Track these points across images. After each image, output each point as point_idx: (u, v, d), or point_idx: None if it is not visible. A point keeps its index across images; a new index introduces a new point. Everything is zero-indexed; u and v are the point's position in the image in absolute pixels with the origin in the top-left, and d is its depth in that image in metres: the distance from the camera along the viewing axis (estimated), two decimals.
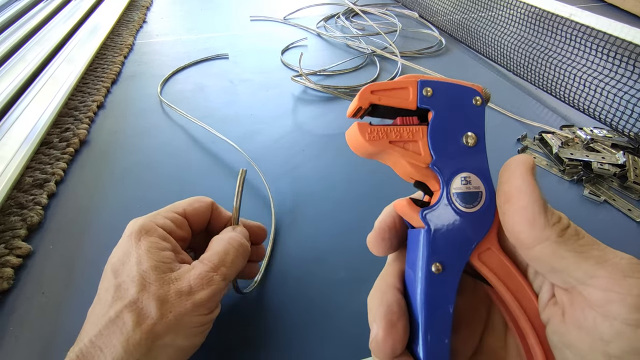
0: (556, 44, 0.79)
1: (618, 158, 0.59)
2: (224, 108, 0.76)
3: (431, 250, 0.20)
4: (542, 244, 0.19)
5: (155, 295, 0.27)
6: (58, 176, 0.57)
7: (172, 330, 0.27)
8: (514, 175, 0.20)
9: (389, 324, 0.20)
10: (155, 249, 0.30)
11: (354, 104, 0.21)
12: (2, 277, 0.43)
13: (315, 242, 0.49)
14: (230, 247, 0.33)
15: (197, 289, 0.29)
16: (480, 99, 0.21)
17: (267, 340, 0.39)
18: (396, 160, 0.21)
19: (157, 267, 0.29)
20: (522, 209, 0.19)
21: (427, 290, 0.20)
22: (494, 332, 0.23)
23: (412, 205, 0.21)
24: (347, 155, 0.63)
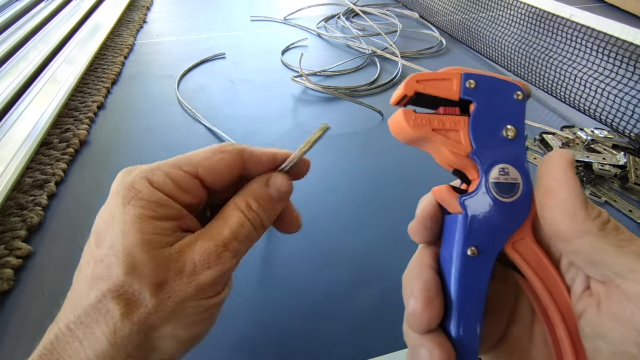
0: (557, 44, 0.79)
1: (619, 159, 0.59)
2: (224, 108, 0.76)
3: (467, 234, 0.21)
4: (582, 237, 0.19)
5: (149, 277, 0.22)
6: (58, 177, 0.57)
7: (171, 320, 0.22)
8: (554, 168, 0.20)
9: (426, 299, 0.20)
10: (148, 217, 0.23)
11: (400, 92, 0.22)
12: (2, 278, 0.43)
13: (316, 243, 0.49)
14: (246, 218, 0.25)
15: (202, 268, 0.23)
16: (521, 94, 0.22)
17: (268, 340, 0.39)
18: (437, 147, 0.22)
19: (148, 242, 0.22)
20: (563, 202, 0.19)
21: (462, 271, 0.20)
22: (520, 322, 0.24)
23: (451, 192, 0.22)
24: (347, 155, 0.63)
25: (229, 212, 0.25)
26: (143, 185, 0.24)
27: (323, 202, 0.54)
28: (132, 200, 0.23)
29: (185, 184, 0.25)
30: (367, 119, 0.72)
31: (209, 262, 0.23)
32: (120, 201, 0.23)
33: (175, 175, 0.25)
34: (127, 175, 0.25)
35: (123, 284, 0.22)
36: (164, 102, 0.78)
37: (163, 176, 0.24)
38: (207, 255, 0.23)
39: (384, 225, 0.51)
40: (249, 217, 0.25)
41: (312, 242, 0.49)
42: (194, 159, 0.26)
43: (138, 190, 0.23)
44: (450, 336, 0.20)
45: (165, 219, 0.23)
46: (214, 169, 0.26)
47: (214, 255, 0.23)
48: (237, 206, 0.26)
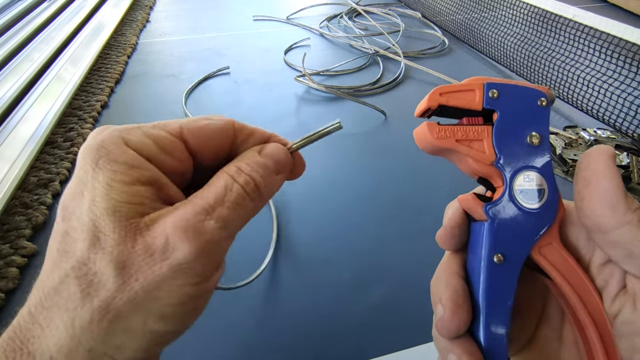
0: (559, 44, 0.79)
1: (622, 159, 0.59)
2: (227, 107, 0.76)
3: (493, 242, 0.21)
4: (622, 228, 0.19)
5: (112, 253, 0.18)
6: (62, 176, 0.57)
7: (140, 308, 0.18)
8: (595, 161, 0.20)
9: (455, 305, 0.21)
10: (120, 182, 0.19)
11: (423, 105, 0.23)
12: (8, 277, 0.43)
13: (318, 242, 0.49)
14: (235, 180, 0.21)
15: (178, 242, 0.18)
16: (545, 100, 0.22)
17: (269, 340, 0.39)
18: (461, 158, 0.22)
19: (116, 209, 0.18)
20: (604, 192, 0.19)
21: (489, 278, 0.21)
22: (549, 324, 0.24)
23: (476, 200, 0.22)
24: (350, 155, 0.63)
25: (215, 178, 0.21)
26: (115, 144, 0.20)
27: (326, 201, 0.54)
28: (101, 161, 0.19)
29: (168, 144, 0.21)
30: (370, 118, 0.72)
31: (187, 234, 0.18)
32: (88, 164, 0.19)
33: (156, 135, 0.21)
34: (98, 132, 0.20)
35: (86, 262, 0.18)
36: (167, 101, 0.78)
37: (141, 135, 0.21)
38: (183, 225, 0.19)
39: (387, 224, 0.51)
40: (238, 180, 0.21)
41: (314, 241, 0.49)
42: (179, 120, 0.22)
43: (108, 150, 0.20)
44: (479, 342, 0.21)
45: (141, 183, 0.20)
46: (200, 131, 0.22)
47: (193, 226, 0.19)
48: (224, 171, 0.21)
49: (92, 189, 0.19)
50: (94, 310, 0.18)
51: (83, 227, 0.18)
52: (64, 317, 0.18)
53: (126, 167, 0.19)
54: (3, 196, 0.51)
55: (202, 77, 0.85)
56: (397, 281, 0.44)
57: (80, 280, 0.18)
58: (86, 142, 0.20)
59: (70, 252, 0.18)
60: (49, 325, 0.18)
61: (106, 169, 0.19)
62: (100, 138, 0.20)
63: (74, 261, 0.18)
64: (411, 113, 0.24)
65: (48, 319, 0.18)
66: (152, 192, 0.20)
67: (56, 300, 0.18)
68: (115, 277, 0.18)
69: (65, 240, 0.19)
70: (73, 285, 0.18)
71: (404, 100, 0.79)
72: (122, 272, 0.18)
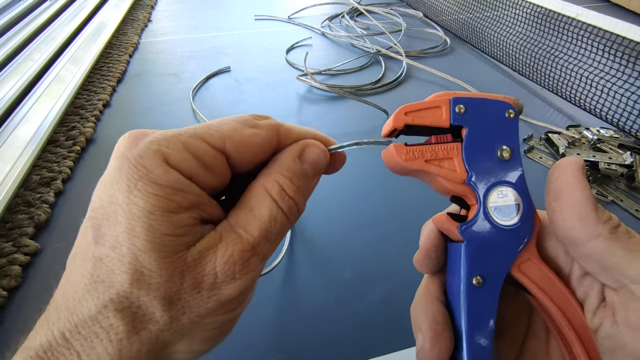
0: (562, 43, 0.79)
1: (625, 158, 0.58)
2: (229, 107, 0.76)
3: (471, 264, 0.20)
4: (594, 240, 0.19)
5: (159, 290, 0.18)
6: (65, 174, 0.57)
7: (186, 336, 0.19)
8: (565, 173, 0.20)
9: (435, 334, 0.20)
10: (163, 209, 0.18)
11: (389, 126, 0.22)
12: (10, 275, 0.43)
13: (319, 242, 0.49)
14: (279, 208, 0.20)
15: (226, 279, 0.19)
16: (513, 112, 0.21)
17: (268, 339, 0.39)
18: (433, 177, 0.21)
19: (160, 246, 0.18)
20: (574, 205, 0.19)
21: (469, 302, 0.20)
22: (535, 338, 0.24)
23: (450, 220, 0.21)
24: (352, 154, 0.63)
25: (258, 199, 0.20)
26: (156, 162, 0.18)
27: (327, 201, 0.54)
28: (140, 183, 0.18)
29: (209, 160, 0.19)
30: (372, 117, 0.72)
31: (234, 273, 0.19)
32: (124, 183, 0.18)
33: (197, 149, 0.19)
34: (134, 143, 0.19)
35: (128, 296, 0.18)
36: (169, 100, 0.78)
37: (181, 150, 0.19)
38: (232, 265, 0.19)
39: (388, 224, 0.51)
40: (282, 207, 0.20)
41: (315, 241, 0.49)
42: (220, 129, 0.20)
43: (148, 169, 0.18)
44: None
45: (185, 209, 0.18)
46: (245, 145, 0.20)
47: (240, 264, 0.19)
48: (267, 192, 0.20)
49: (129, 214, 0.18)
50: (142, 342, 0.18)
51: (122, 259, 0.18)
52: (109, 348, 0.17)
53: (169, 192, 0.18)
54: (6, 194, 0.51)
55: (205, 76, 0.85)
56: (399, 280, 0.44)
57: (123, 314, 0.18)
58: (120, 150, 0.19)
59: (107, 282, 0.18)
60: (89, 355, 0.17)
61: (147, 193, 0.18)
62: (138, 152, 0.18)
63: (113, 293, 0.18)
64: None
65: (88, 348, 0.18)
66: (193, 216, 0.19)
67: (95, 329, 0.18)
68: (163, 312, 0.18)
69: (99, 267, 0.18)
70: (114, 318, 0.18)
71: (405, 100, 0.78)
72: (169, 307, 0.18)
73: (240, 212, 0.20)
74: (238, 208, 0.20)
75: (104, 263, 0.18)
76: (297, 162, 0.21)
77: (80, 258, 0.19)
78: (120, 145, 0.19)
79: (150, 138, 0.19)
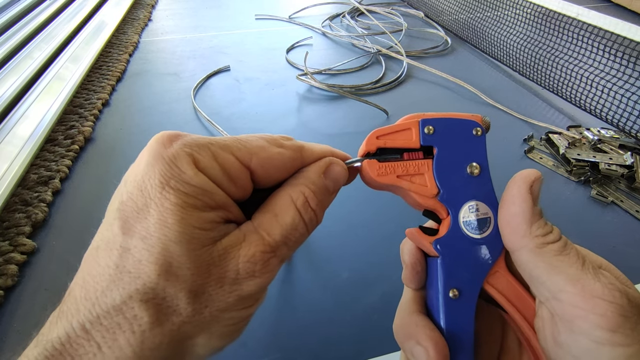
0: (563, 43, 0.79)
1: (626, 159, 0.58)
2: (229, 106, 0.75)
3: (447, 278, 0.21)
4: (519, 251, 0.20)
5: (187, 284, 0.19)
6: (63, 173, 0.57)
7: (206, 330, 0.20)
8: (513, 185, 0.21)
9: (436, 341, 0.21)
10: (191, 207, 0.19)
11: (362, 150, 0.23)
12: (7, 274, 0.43)
13: (317, 242, 0.48)
14: (302, 218, 0.22)
15: (246, 276, 0.20)
16: (480, 130, 0.22)
17: (269, 340, 0.38)
18: (405, 192, 0.22)
19: (189, 239, 0.19)
20: (511, 216, 0.20)
21: (447, 314, 0.21)
22: (509, 353, 0.24)
23: (422, 234, 0.22)
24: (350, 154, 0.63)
25: (283, 207, 0.21)
26: (188, 163, 0.19)
27: None
28: (173, 181, 0.19)
29: (234, 173, 0.21)
30: (372, 117, 0.72)
31: (255, 271, 0.20)
32: (157, 180, 0.19)
33: (225, 160, 0.20)
34: (167, 144, 0.20)
35: (155, 287, 0.18)
36: (168, 99, 0.78)
37: (211, 158, 0.20)
38: (253, 263, 0.20)
39: (387, 224, 0.50)
40: (304, 218, 0.22)
41: (314, 241, 0.49)
42: (249, 145, 0.21)
43: (181, 170, 0.19)
44: None
45: (211, 209, 0.20)
46: (270, 162, 0.22)
47: (261, 263, 0.20)
48: (292, 201, 0.21)
49: (161, 207, 0.18)
50: (165, 334, 0.18)
51: (151, 250, 0.18)
52: (131, 339, 0.18)
53: (199, 192, 0.19)
54: (3, 193, 0.51)
55: (205, 75, 0.85)
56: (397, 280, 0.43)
57: (148, 305, 0.18)
58: (153, 150, 0.19)
59: (134, 273, 0.18)
60: (110, 346, 0.18)
61: (178, 191, 0.19)
62: (172, 153, 0.19)
63: (139, 284, 0.18)
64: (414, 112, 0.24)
65: (110, 339, 0.18)
66: (220, 215, 0.20)
67: (118, 320, 0.18)
68: (187, 304, 0.19)
69: (126, 257, 0.18)
70: (139, 309, 0.18)
71: (406, 100, 0.78)
72: (194, 300, 0.19)
73: (264, 215, 0.21)
74: (262, 212, 0.21)
75: (131, 253, 0.18)
76: (322, 178, 0.23)
77: (104, 249, 0.19)
78: (154, 143, 0.20)
79: (184, 141, 0.20)
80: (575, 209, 0.54)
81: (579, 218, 0.52)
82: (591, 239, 0.49)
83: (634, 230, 0.50)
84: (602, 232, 0.50)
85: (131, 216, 0.19)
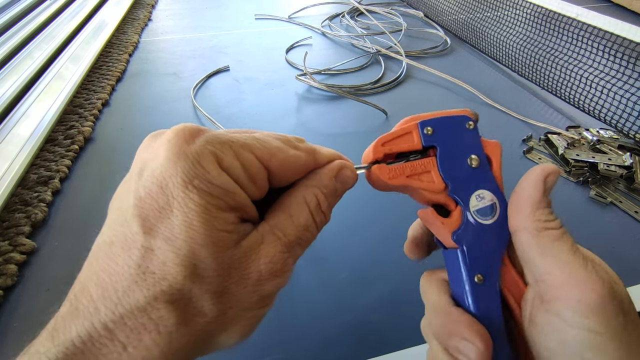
0: (562, 44, 0.79)
1: (625, 160, 0.58)
2: (229, 106, 0.76)
3: (470, 266, 0.22)
4: (520, 231, 0.21)
5: (212, 285, 0.19)
6: (63, 173, 0.57)
7: (228, 329, 0.20)
8: (531, 172, 0.22)
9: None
10: (216, 207, 0.19)
11: (370, 157, 0.24)
12: (7, 273, 0.43)
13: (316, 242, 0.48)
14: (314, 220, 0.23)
15: (269, 277, 0.20)
16: (472, 123, 0.24)
17: (269, 341, 0.39)
18: (414, 190, 0.24)
19: (215, 241, 0.19)
20: (521, 199, 0.22)
21: (477, 301, 0.22)
22: None
23: (437, 215, 0.23)
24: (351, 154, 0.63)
25: (297, 207, 0.22)
26: (212, 163, 0.19)
27: None
28: (197, 180, 0.19)
29: (254, 172, 0.21)
30: (371, 117, 0.72)
31: (276, 271, 0.21)
32: (179, 178, 0.18)
33: (247, 160, 0.20)
34: (190, 139, 0.19)
35: (182, 289, 0.18)
36: (168, 99, 0.78)
37: (233, 157, 0.20)
38: (274, 263, 0.20)
39: (386, 224, 0.50)
40: (316, 220, 0.23)
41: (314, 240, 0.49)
42: (268, 145, 0.21)
43: (205, 170, 0.19)
44: None
45: (232, 209, 0.20)
46: (287, 164, 0.22)
47: (281, 263, 0.21)
48: (306, 203, 0.22)
49: (186, 208, 0.18)
50: (191, 334, 0.19)
51: (178, 252, 0.18)
52: (157, 339, 0.18)
53: (222, 192, 0.19)
54: (3, 193, 0.51)
55: (205, 75, 0.85)
56: (395, 280, 0.44)
57: (174, 306, 0.18)
58: (178, 145, 0.19)
59: (159, 274, 0.18)
60: (136, 346, 0.18)
61: (202, 192, 0.18)
62: (196, 150, 0.19)
63: (165, 285, 0.18)
64: (413, 112, 0.25)
65: (135, 340, 0.18)
66: (238, 215, 0.20)
67: (143, 321, 0.18)
68: (213, 305, 0.19)
69: (149, 258, 0.18)
70: (165, 310, 0.18)
71: (405, 100, 0.78)
72: (219, 301, 0.19)
73: (279, 216, 0.22)
74: (277, 212, 0.22)
75: (155, 254, 0.18)
76: (333, 181, 0.23)
77: (121, 247, 0.19)
78: (175, 138, 0.19)
79: (206, 138, 0.19)
80: (574, 209, 0.54)
81: (578, 219, 0.52)
82: (590, 239, 0.49)
83: (633, 231, 0.50)
84: (601, 233, 0.50)
85: (152, 215, 0.19)
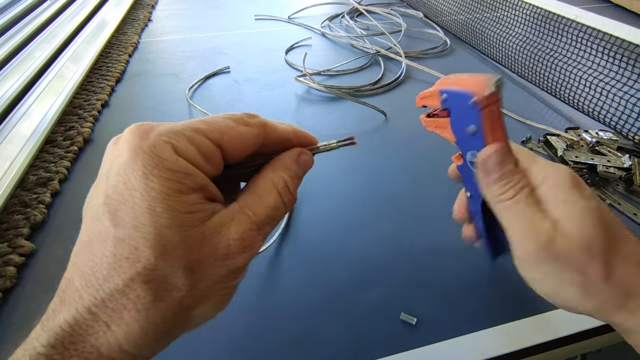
0: (562, 45, 0.79)
1: (624, 161, 0.58)
2: (228, 106, 0.76)
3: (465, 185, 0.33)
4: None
5: (183, 261, 0.20)
6: (62, 175, 0.57)
7: (201, 302, 0.22)
8: None
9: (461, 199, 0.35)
10: (176, 192, 0.21)
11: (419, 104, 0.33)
12: (5, 275, 0.43)
13: (316, 242, 0.49)
14: (282, 200, 0.25)
15: (237, 251, 0.22)
16: (472, 102, 0.28)
17: (263, 339, 0.39)
18: (442, 135, 0.32)
19: (180, 222, 0.20)
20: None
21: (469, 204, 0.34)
22: None
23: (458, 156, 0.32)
24: (350, 155, 0.63)
25: (266, 189, 0.24)
26: (168, 151, 0.21)
27: (325, 201, 0.54)
28: (156, 170, 0.20)
29: (209, 153, 0.23)
30: (370, 119, 0.72)
31: (245, 247, 0.22)
32: (139, 170, 0.20)
33: (199, 142, 0.22)
34: (144, 135, 0.21)
35: (154, 268, 0.20)
36: (168, 100, 0.78)
37: (187, 143, 0.22)
38: (243, 240, 0.22)
39: (386, 224, 0.50)
40: (284, 200, 0.25)
41: (313, 240, 0.49)
42: (218, 123, 0.23)
43: (162, 158, 0.20)
44: None
45: (193, 190, 0.21)
46: (238, 140, 0.24)
47: (249, 240, 0.23)
48: (274, 185, 0.24)
49: (147, 197, 0.20)
50: (167, 308, 0.21)
51: (147, 237, 0.20)
52: (136, 316, 0.20)
53: (181, 176, 0.21)
54: (2, 194, 0.51)
55: (204, 75, 0.85)
56: (396, 281, 0.44)
57: (149, 285, 0.20)
58: (133, 142, 0.21)
59: (132, 258, 0.20)
60: (118, 324, 0.20)
61: (162, 178, 0.20)
62: (151, 143, 0.21)
63: (139, 267, 0.20)
64: (412, 114, 0.26)
65: (117, 318, 0.20)
66: (201, 196, 0.22)
67: (122, 302, 0.20)
68: (185, 280, 0.21)
69: (121, 246, 0.20)
70: (141, 289, 0.20)
71: (404, 101, 0.78)
72: (190, 275, 0.21)
73: (249, 197, 0.24)
74: (247, 194, 0.24)
75: (126, 242, 0.20)
76: (295, 165, 0.26)
77: (97, 242, 0.21)
78: (130, 137, 0.21)
79: (159, 131, 0.21)
80: None
81: None
82: None
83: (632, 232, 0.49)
84: None
85: (119, 208, 0.20)
